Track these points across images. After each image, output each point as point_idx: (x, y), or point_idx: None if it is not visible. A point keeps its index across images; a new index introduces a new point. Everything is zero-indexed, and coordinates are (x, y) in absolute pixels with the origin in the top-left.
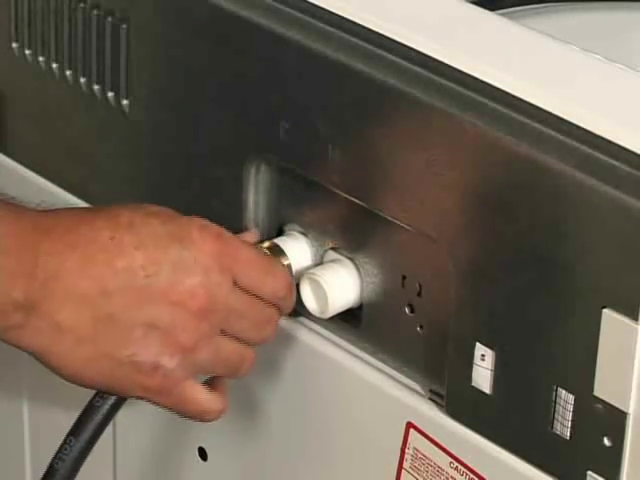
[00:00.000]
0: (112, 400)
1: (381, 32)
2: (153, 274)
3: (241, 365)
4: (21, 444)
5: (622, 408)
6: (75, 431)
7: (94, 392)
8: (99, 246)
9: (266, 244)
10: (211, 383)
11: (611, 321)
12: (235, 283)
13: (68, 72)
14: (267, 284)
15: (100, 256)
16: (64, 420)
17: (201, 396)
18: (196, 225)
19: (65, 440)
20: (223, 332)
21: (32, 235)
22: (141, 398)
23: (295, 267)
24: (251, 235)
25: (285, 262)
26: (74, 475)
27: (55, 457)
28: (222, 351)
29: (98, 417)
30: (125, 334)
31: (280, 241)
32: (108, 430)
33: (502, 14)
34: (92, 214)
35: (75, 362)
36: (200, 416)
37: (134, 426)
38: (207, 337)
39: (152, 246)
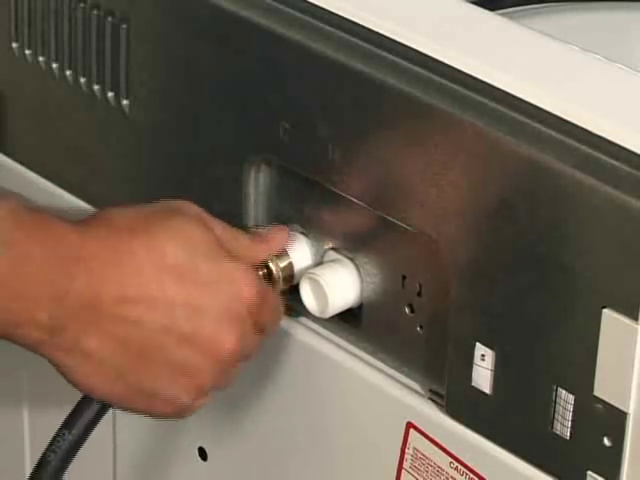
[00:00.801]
0: None
1: (381, 32)
2: (196, 323)
3: (231, 380)
4: (21, 441)
5: (622, 408)
6: (68, 424)
7: None
8: (142, 285)
9: None
10: None
11: (611, 321)
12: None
13: (68, 72)
14: (275, 325)
15: (141, 296)
16: (64, 415)
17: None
18: (244, 277)
19: (58, 433)
20: None
21: (68, 258)
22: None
23: (295, 267)
24: (282, 235)
25: (287, 261)
26: (66, 467)
27: (47, 449)
28: (225, 380)
29: (91, 411)
30: (152, 371)
31: None
32: (108, 430)
33: (502, 14)
34: (133, 242)
35: (92, 382)
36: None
37: (134, 426)
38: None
39: (198, 292)
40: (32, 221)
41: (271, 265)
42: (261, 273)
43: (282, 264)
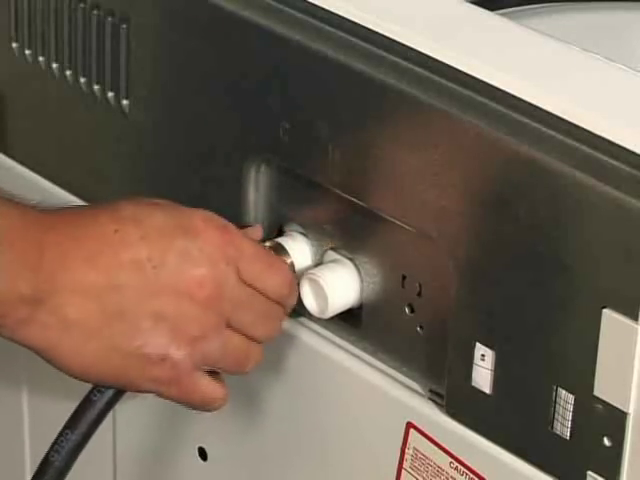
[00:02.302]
0: (109, 394)
1: (381, 32)
2: (159, 265)
3: (246, 361)
4: (21, 437)
5: (622, 408)
6: (71, 424)
7: (92, 385)
8: (104, 239)
9: (268, 243)
10: (212, 374)
11: (611, 321)
12: (239, 276)
13: (68, 72)
14: (270, 279)
15: (105, 249)
16: (64, 414)
17: (208, 386)
18: (200, 216)
19: (61, 433)
20: (229, 326)
21: (36, 230)
22: (149, 391)
23: (295, 267)
24: (255, 231)
25: (287, 261)
26: (69, 468)
27: (51, 449)
28: (229, 344)
29: (94, 411)
30: (134, 326)
31: (280, 241)
32: (108, 430)
33: (502, 14)
34: (95, 209)
35: (84, 357)
36: (205, 406)
37: (134, 426)
38: (215, 328)
39: (157, 237)
40: (2, 204)
41: None
42: None
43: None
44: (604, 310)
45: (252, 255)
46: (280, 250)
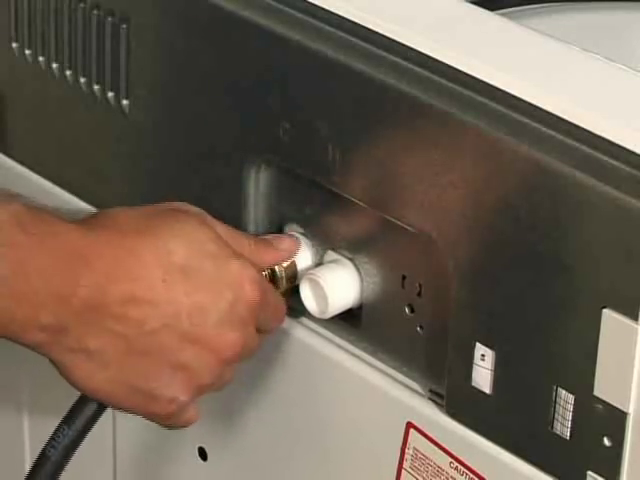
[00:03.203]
0: None
1: (381, 32)
2: (200, 323)
3: (228, 380)
4: (20, 433)
5: (622, 408)
6: (68, 420)
7: None
8: (148, 285)
9: None
10: None
11: (611, 321)
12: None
13: (68, 72)
14: (274, 325)
15: (147, 296)
16: (64, 409)
17: (193, 414)
18: (248, 278)
19: (58, 428)
20: None
21: (72, 258)
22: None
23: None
24: (291, 244)
25: (289, 260)
26: (66, 463)
27: (47, 444)
28: (223, 380)
29: (92, 406)
30: (154, 370)
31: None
32: (108, 430)
33: (502, 14)
34: (138, 242)
35: (93, 382)
36: (182, 428)
37: (134, 426)
38: (224, 377)
39: (203, 293)
40: (34, 222)
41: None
42: (265, 273)
43: (285, 263)
44: (604, 310)
45: (273, 312)
46: None
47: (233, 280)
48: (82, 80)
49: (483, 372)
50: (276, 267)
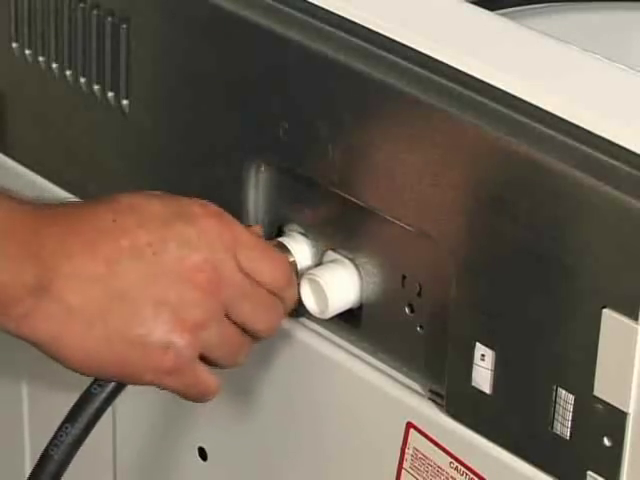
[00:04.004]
0: (109, 388)
1: (381, 32)
2: (159, 251)
3: (239, 353)
4: (21, 431)
5: (622, 408)
6: (71, 418)
7: (92, 379)
8: (102, 228)
9: (270, 243)
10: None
11: (611, 321)
12: (237, 263)
13: (68, 72)
14: (267, 269)
15: (104, 237)
16: (64, 408)
17: (207, 377)
18: (197, 203)
19: (60, 427)
20: (228, 315)
21: (35, 221)
22: (149, 383)
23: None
24: (255, 230)
25: (290, 259)
26: (68, 462)
27: (50, 443)
28: (226, 333)
29: (94, 405)
30: (136, 312)
31: (282, 240)
32: (108, 430)
33: (502, 14)
34: (92, 202)
35: (86, 347)
36: (202, 396)
37: (134, 426)
38: (215, 314)
39: (155, 224)
40: (1, 200)
41: None
42: None
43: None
44: (604, 310)
45: (249, 243)
46: (282, 249)
47: (182, 207)
48: (82, 80)
49: (483, 372)
50: None
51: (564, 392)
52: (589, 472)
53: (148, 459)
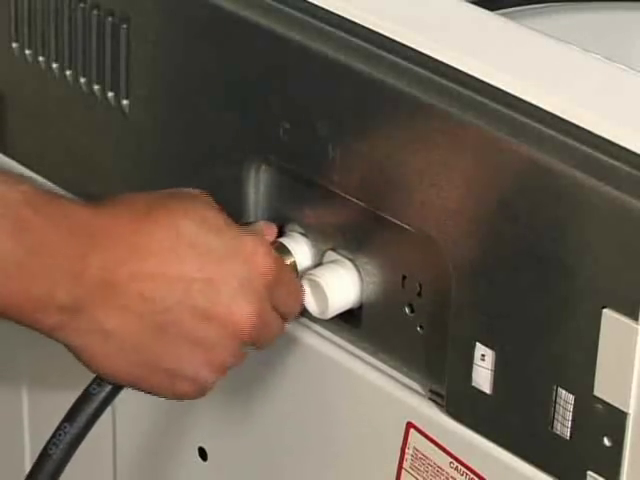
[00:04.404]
0: (108, 388)
1: (381, 32)
2: (213, 298)
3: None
4: (20, 430)
5: (622, 408)
6: (69, 418)
7: (92, 378)
8: (159, 261)
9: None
10: None
11: (611, 321)
12: (271, 302)
13: (68, 72)
14: (294, 307)
15: (158, 273)
16: (63, 407)
17: (213, 384)
18: (262, 251)
19: (59, 426)
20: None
21: (83, 236)
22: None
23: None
24: (270, 229)
25: (290, 260)
26: (67, 461)
27: (49, 442)
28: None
29: (93, 404)
30: (172, 347)
31: (282, 241)
32: (108, 430)
33: (502, 14)
34: (150, 220)
35: (113, 366)
36: (200, 397)
37: (134, 426)
38: (244, 355)
39: (215, 266)
40: (44, 203)
41: None
42: None
43: (286, 262)
44: (604, 310)
45: (286, 281)
46: (283, 250)
47: (246, 253)
48: (82, 80)
49: (483, 372)
50: None
51: (564, 392)
52: (589, 472)
53: (148, 459)
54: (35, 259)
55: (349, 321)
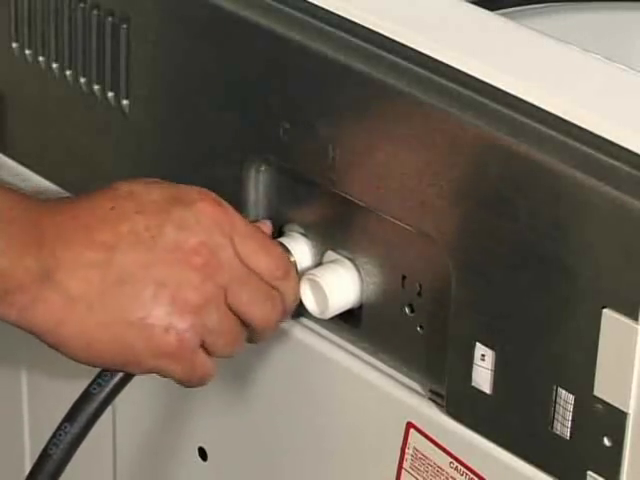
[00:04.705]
0: (108, 387)
1: (381, 32)
2: (157, 235)
3: (235, 342)
4: (20, 430)
5: (622, 408)
6: (70, 417)
7: (92, 378)
8: (101, 216)
9: None
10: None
11: (611, 321)
12: (234, 249)
13: (68, 72)
14: (263, 258)
15: (103, 224)
16: (63, 407)
17: (206, 362)
18: (195, 190)
19: (59, 426)
20: (226, 303)
21: (35, 211)
22: (152, 370)
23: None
24: (265, 226)
25: (291, 259)
26: (67, 461)
27: (49, 442)
28: (225, 320)
29: (93, 404)
30: (135, 296)
31: (282, 241)
32: (108, 429)
33: (502, 14)
34: (92, 192)
35: (87, 332)
36: (202, 382)
37: (134, 426)
38: (213, 298)
39: (153, 209)
40: (8, 192)
41: None
42: None
43: None
44: (604, 310)
45: (246, 232)
46: (284, 250)
47: (181, 193)
48: (82, 80)
49: (483, 372)
50: None
51: (564, 392)
52: (589, 472)
53: (148, 459)
54: (3, 235)
55: (349, 321)
